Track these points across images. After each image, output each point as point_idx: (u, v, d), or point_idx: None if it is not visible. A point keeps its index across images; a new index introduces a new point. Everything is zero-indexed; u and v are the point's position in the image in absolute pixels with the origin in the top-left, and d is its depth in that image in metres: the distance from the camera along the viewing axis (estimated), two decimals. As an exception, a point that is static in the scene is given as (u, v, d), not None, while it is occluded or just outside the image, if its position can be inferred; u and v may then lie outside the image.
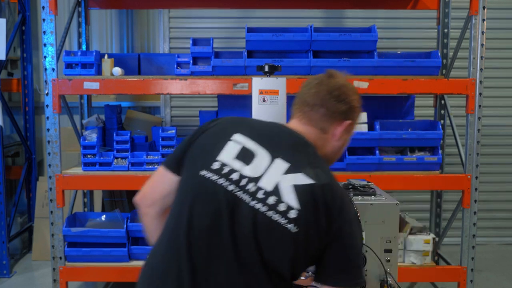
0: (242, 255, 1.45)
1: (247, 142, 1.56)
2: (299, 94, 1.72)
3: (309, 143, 1.63)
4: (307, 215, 1.47)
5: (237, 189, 1.49)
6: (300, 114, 1.69)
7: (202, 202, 1.50)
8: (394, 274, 1.88)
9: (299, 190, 1.48)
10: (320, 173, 1.53)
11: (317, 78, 1.70)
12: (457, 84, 3.81)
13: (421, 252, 4.02)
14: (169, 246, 1.52)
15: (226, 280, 1.45)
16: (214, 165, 1.53)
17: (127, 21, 5.63)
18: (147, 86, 3.80)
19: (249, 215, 1.46)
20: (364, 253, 1.85)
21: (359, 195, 1.94)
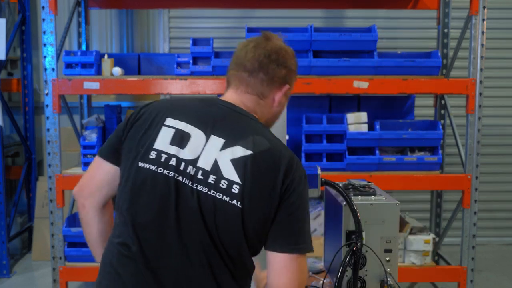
0: (193, 241, 1.44)
1: (179, 124, 1.51)
2: (234, 59, 1.64)
3: (246, 113, 1.58)
4: (250, 188, 1.44)
5: (177, 174, 1.46)
6: (237, 82, 1.61)
7: (145, 194, 1.48)
8: (394, 274, 1.88)
9: (237, 163, 1.45)
10: (260, 140, 1.50)
11: (253, 41, 1.63)
12: (457, 84, 3.81)
13: (421, 252, 4.02)
14: (122, 243, 1.50)
15: (181, 271, 1.44)
16: (152, 154, 1.49)
17: (127, 21, 5.63)
18: (147, 86, 3.80)
19: (193, 199, 1.44)
20: (364, 253, 1.85)
21: (359, 195, 1.94)
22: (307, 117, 4.06)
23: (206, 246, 1.44)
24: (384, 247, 1.87)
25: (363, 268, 1.86)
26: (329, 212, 2.14)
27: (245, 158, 1.46)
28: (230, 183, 1.44)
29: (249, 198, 1.44)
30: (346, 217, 1.85)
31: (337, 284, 1.81)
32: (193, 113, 1.55)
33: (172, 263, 1.45)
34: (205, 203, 1.44)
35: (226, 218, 1.44)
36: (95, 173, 1.64)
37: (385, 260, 1.87)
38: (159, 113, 1.56)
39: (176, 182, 1.46)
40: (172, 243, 1.45)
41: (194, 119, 1.53)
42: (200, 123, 1.52)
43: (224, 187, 1.44)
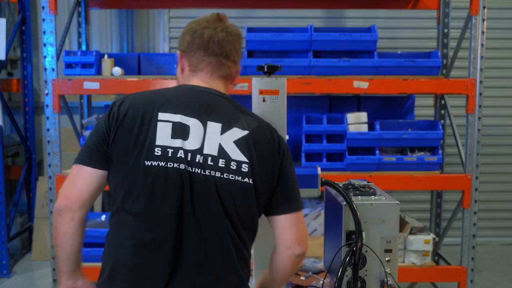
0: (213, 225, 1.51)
1: (174, 117, 1.53)
2: (199, 42, 1.62)
3: (225, 95, 1.65)
4: (257, 164, 1.55)
5: (187, 166, 1.50)
6: (209, 68, 1.64)
7: (160, 192, 1.49)
8: (394, 274, 1.88)
9: (240, 144, 1.54)
10: (249, 119, 1.61)
11: (215, 23, 1.65)
12: (457, 84, 3.81)
13: (421, 252, 4.02)
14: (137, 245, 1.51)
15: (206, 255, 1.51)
16: (156, 151, 1.50)
17: (127, 21, 5.63)
18: (147, 86, 3.80)
19: (208, 185, 1.50)
20: (364, 253, 1.85)
21: (359, 195, 1.94)
22: (307, 117, 4.06)
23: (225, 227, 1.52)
24: (384, 247, 1.88)
25: (363, 268, 1.86)
26: (329, 212, 2.14)
27: (244, 138, 1.56)
28: (239, 163, 1.53)
29: (259, 174, 1.55)
30: (346, 217, 1.85)
31: (337, 284, 1.81)
32: (183, 104, 1.57)
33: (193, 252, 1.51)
34: (220, 187, 1.51)
35: (242, 197, 1.53)
36: (82, 183, 1.59)
37: (385, 260, 1.87)
38: (146, 109, 1.54)
39: (189, 173, 1.49)
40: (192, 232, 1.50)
41: (187, 110, 1.55)
42: (193, 112, 1.55)
43: (234, 168, 1.52)
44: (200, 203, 1.51)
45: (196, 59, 1.64)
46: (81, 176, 1.59)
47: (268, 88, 2.02)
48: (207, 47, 1.62)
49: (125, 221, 1.54)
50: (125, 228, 1.54)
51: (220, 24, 1.66)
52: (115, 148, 1.54)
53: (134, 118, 1.53)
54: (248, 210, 1.57)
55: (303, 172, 1.96)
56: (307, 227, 4.14)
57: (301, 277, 2.29)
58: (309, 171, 1.95)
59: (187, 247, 1.51)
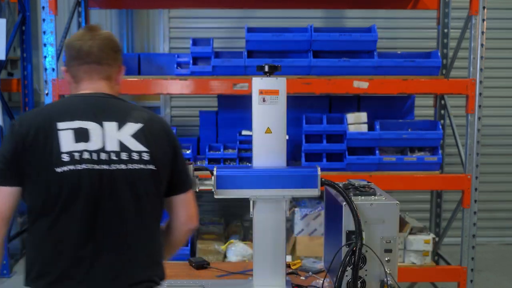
0: (126, 211, 1.68)
1: (73, 124, 1.67)
2: (74, 54, 1.80)
3: (112, 95, 1.82)
4: (156, 151, 1.73)
5: (95, 164, 1.65)
6: (89, 73, 1.79)
7: (76, 192, 1.63)
8: (394, 274, 1.88)
9: (137, 136, 1.72)
10: (139, 113, 1.78)
11: (84, 35, 1.81)
12: (457, 84, 3.81)
13: (421, 252, 4.03)
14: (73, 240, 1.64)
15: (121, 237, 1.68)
16: (64, 157, 1.63)
17: (127, 21, 5.63)
18: (147, 86, 3.80)
19: (116, 178, 1.66)
20: (364, 253, 1.85)
21: (359, 195, 1.94)
22: (307, 117, 4.06)
23: (137, 212, 1.70)
24: (384, 247, 1.88)
25: (363, 268, 1.86)
26: (329, 212, 2.14)
27: (140, 130, 1.73)
28: (140, 153, 1.70)
29: (158, 160, 1.73)
30: (346, 217, 1.85)
31: (337, 284, 1.81)
32: (78, 111, 1.72)
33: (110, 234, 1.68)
34: (128, 177, 1.68)
35: (149, 182, 1.72)
36: (3, 201, 1.67)
37: (385, 260, 1.87)
38: (45, 123, 1.67)
39: (98, 170, 1.65)
40: (109, 221, 1.67)
41: (82, 115, 1.70)
42: (89, 116, 1.70)
43: (137, 158, 1.69)
44: (112, 194, 1.66)
45: (75, 70, 1.81)
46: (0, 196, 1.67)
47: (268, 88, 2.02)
48: (79, 57, 1.79)
49: (49, 229, 1.65)
50: (50, 234, 1.65)
51: (89, 34, 1.81)
52: (26, 164, 1.65)
53: (36, 134, 1.65)
54: (156, 193, 1.74)
55: (303, 172, 1.97)
56: (307, 227, 4.16)
57: (301, 277, 2.29)
58: (309, 171, 1.95)
59: (105, 230, 1.66)
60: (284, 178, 1.95)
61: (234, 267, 2.39)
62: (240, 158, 4.11)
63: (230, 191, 1.96)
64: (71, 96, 1.83)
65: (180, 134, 5.04)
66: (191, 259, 2.44)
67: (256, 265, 2.05)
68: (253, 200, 2.00)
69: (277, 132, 2.01)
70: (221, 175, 1.95)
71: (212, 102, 5.45)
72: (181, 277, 2.27)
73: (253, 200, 2.00)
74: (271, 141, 2.02)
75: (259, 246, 2.04)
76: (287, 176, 1.95)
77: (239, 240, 4.30)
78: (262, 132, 2.02)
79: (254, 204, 2.01)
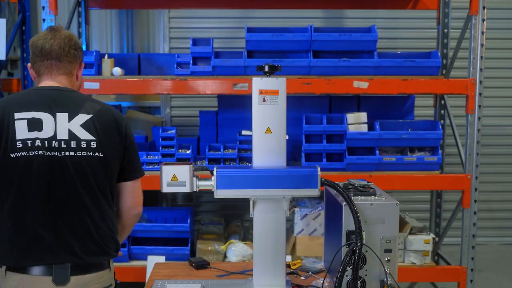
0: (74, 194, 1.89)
1: (28, 114, 1.87)
2: (37, 52, 1.99)
3: (69, 89, 2.01)
4: (104, 140, 1.93)
5: (45, 151, 1.86)
6: (49, 69, 2.00)
7: (28, 174, 1.85)
8: (394, 274, 1.88)
9: (86, 126, 1.91)
10: (92, 104, 1.97)
11: (47, 34, 2.00)
12: (457, 84, 3.81)
13: (421, 252, 4.03)
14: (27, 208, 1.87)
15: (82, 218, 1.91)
16: (18, 144, 1.84)
17: (127, 21, 5.63)
18: (147, 86, 3.80)
19: (66, 164, 1.87)
20: (364, 253, 1.85)
21: (359, 195, 1.94)
22: (307, 117, 4.06)
23: (84, 195, 1.91)
24: (384, 247, 1.88)
25: (363, 268, 1.87)
26: (329, 212, 2.14)
27: (89, 120, 1.92)
28: (88, 141, 1.90)
29: (106, 147, 1.93)
30: (346, 217, 1.85)
31: (337, 284, 1.81)
32: (33, 102, 1.91)
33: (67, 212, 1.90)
34: (77, 163, 1.88)
35: (96, 168, 1.92)
36: None
37: (385, 260, 1.87)
38: (4, 113, 1.88)
39: (48, 157, 1.86)
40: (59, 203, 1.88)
41: (38, 106, 1.90)
42: (43, 107, 1.90)
43: (85, 146, 1.89)
44: (61, 178, 1.87)
45: (38, 66, 2.00)
46: None
47: (268, 88, 2.02)
48: (41, 54, 1.98)
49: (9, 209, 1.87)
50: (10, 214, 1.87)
51: (50, 34, 2.00)
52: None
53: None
54: (103, 178, 1.94)
55: (303, 172, 1.97)
56: (307, 227, 4.15)
57: (301, 277, 2.29)
58: (309, 171, 1.95)
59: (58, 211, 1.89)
60: (284, 178, 1.95)
61: (234, 267, 2.39)
62: (240, 158, 4.11)
63: (230, 191, 1.96)
64: (30, 89, 2.09)
65: (180, 134, 5.04)
66: (191, 259, 2.44)
67: (256, 265, 2.05)
68: (253, 200, 2.00)
69: (277, 132, 2.01)
70: (221, 175, 1.95)
71: (212, 102, 5.46)
72: (181, 277, 2.27)
73: (253, 200, 2.00)
74: (271, 141, 2.02)
75: (259, 246, 2.04)
76: (287, 176, 1.95)
77: (239, 240, 4.29)
78: (262, 132, 2.02)
79: (254, 204, 2.01)
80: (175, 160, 4.03)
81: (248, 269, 2.32)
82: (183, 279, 2.24)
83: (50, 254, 1.87)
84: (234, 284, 2.16)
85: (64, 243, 1.89)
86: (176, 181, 1.96)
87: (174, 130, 4.10)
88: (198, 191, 2.00)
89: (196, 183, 1.99)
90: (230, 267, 2.39)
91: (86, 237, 1.92)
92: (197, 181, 1.98)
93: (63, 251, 1.88)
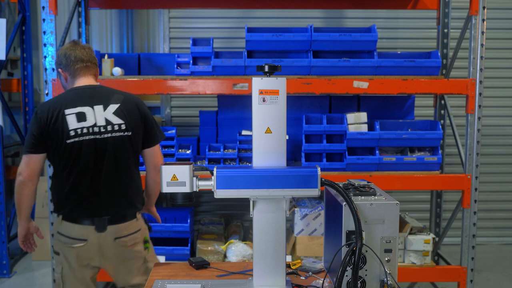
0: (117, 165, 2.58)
1: (75, 110, 2.53)
2: (72, 58, 2.61)
3: (98, 86, 2.66)
4: (130, 121, 2.58)
5: (91, 135, 2.53)
6: (84, 71, 2.64)
7: (81, 155, 2.52)
8: (394, 274, 1.88)
9: (117, 113, 2.57)
10: (118, 95, 2.62)
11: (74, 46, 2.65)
12: (457, 84, 3.81)
13: (421, 252, 4.03)
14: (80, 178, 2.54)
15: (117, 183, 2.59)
16: (71, 133, 2.50)
17: (127, 21, 5.63)
18: (147, 86, 3.80)
19: (105, 143, 2.54)
20: (364, 253, 1.85)
21: (359, 195, 1.94)
22: (307, 117, 4.06)
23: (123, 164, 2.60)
24: (384, 247, 1.88)
25: (363, 268, 1.86)
26: (329, 212, 2.14)
27: (118, 108, 2.58)
28: (119, 125, 2.57)
29: (132, 127, 2.60)
30: (346, 217, 1.85)
31: (337, 284, 1.81)
32: (77, 100, 2.56)
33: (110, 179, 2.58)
34: (112, 142, 2.55)
35: (125, 144, 2.59)
36: (36, 162, 2.55)
37: (385, 260, 1.87)
38: (55, 110, 2.51)
39: (94, 139, 2.53)
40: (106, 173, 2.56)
41: (80, 102, 2.55)
42: (84, 102, 2.56)
43: (117, 128, 2.56)
44: (102, 154, 2.54)
45: (73, 69, 2.63)
46: (32, 160, 2.54)
47: (268, 88, 2.02)
48: (76, 60, 2.62)
49: (66, 177, 2.55)
50: (68, 180, 2.55)
51: (76, 45, 2.66)
52: (47, 138, 2.52)
53: (51, 117, 2.51)
54: (131, 151, 2.62)
55: (303, 172, 1.96)
56: (307, 227, 4.16)
57: (301, 277, 2.29)
58: (309, 171, 1.95)
59: (101, 177, 2.56)
60: (284, 178, 1.94)
61: (234, 267, 2.39)
62: (240, 158, 4.11)
63: (230, 191, 1.96)
64: (72, 89, 2.63)
65: (180, 134, 5.04)
66: (191, 259, 2.43)
67: (256, 265, 2.05)
68: (253, 200, 2.00)
69: (277, 132, 2.01)
70: (221, 175, 1.95)
71: (212, 102, 5.46)
72: (181, 277, 2.27)
73: (253, 200, 2.00)
74: (271, 141, 2.01)
75: (259, 246, 2.04)
76: (287, 176, 1.95)
77: (239, 240, 4.30)
78: (262, 132, 2.01)
79: (254, 204, 2.01)
80: (175, 160, 4.03)
81: (248, 269, 2.32)
82: (183, 279, 2.24)
83: (93, 210, 2.54)
84: (234, 284, 2.16)
85: (103, 202, 2.56)
86: (176, 181, 1.95)
87: (174, 130, 4.10)
88: (198, 191, 2.00)
89: (196, 183, 1.99)
90: (230, 267, 2.39)
91: (119, 196, 2.59)
92: (197, 181, 1.98)
93: (102, 208, 2.56)
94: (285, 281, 2.06)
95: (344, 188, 1.94)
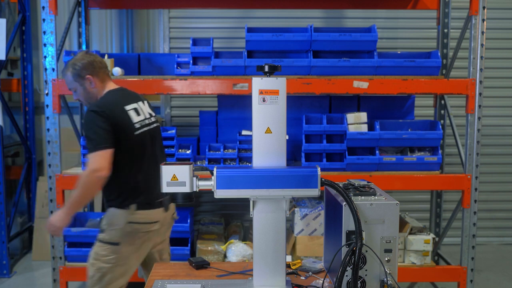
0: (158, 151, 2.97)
1: (131, 106, 2.83)
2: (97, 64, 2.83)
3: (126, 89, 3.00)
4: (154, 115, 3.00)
5: (146, 127, 2.86)
6: (108, 75, 2.92)
7: (144, 143, 2.83)
8: (394, 274, 1.88)
9: (149, 108, 2.98)
10: (141, 95, 3.03)
11: (92, 54, 2.88)
12: (457, 84, 3.81)
13: (421, 252, 4.03)
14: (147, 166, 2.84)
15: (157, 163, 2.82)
16: (136, 125, 2.80)
17: (127, 21, 5.63)
18: (147, 86, 3.80)
19: (154, 133, 2.93)
20: (364, 253, 1.85)
21: (359, 195, 1.94)
22: (307, 117, 4.06)
23: (163, 148, 3.07)
24: (384, 247, 1.88)
25: (363, 268, 1.86)
26: (329, 212, 2.14)
27: (147, 104, 2.99)
28: (155, 117, 2.99)
29: (155, 120, 2.99)
30: (346, 217, 1.85)
31: (337, 284, 1.81)
32: (128, 98, 2.87)
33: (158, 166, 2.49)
34: (156, 131, 2.96)
35: (160, 132, 3.03)
36: (108, 159, 2.64)
37: (385, 260, 1.87)
38: (118, 106, 2.77)
39: (149, 130, 2.88)
40: (157, 155, 2.94)
41: (131, 100, 2.87)
42: (132, 100, 2.88)
43: (154, 120, 2.97)
44: (154, 142, 2.92)
45: (102, 74, 2.87)
46: (107, 154, 2.64)
47: (268, 88, 2.02)
48: (102, 66, 2.88)
49: (137, 167, 2.81)
50: (138, 171, 2.81)
51: (92, 54, 2.90)
52: (116, 132, 2.70)
53: (116, 113, 2.74)
54: (161, 138, 3.08)
55: (303, 172, 1.96)
56: (307, 227, 4.15)
57: (301, 277, 2.29)
58: (309, 171, 1.95)
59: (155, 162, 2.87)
60: (284, 178, 1.94)
61: (234, 267, 2.39)
62: (240, 158, 4.11)
63: (230, 191, 1.95)
64: (114, 90, 2.88)
65: (180, 134, 5.04)
66: (191, 259, 2.43)
67: (256, 265, 2.05)
68: (253, 200, 2.00)
69: (277, 132, 2.01)
70: (221, 175, 1.95)
71: (212, 102, 5.46)
72: (181, 277, 2.27)
73: (253, 200, 2.00)
74: (271, 141, 2.01)
75: (259, 246, 2.04)
76: (287, 176, 1.95)
77: (239, 240, 4.30)
78: (262, 132, 2.01)
79: (254, 204, 2.01)
80: (175, 160, 4.03)
81: (248, 269, 2.32)
82: (183, 279, 2.24)
83: (158, 193, 2.50)
84: (234, 284, 2.16)
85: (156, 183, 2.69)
86: (176, 181, 1.95)
87: (174, 130, 4.10)
88: (198, 191, 2.00)
89: (196, 183, 1.98)
90: (230, 267, 2.39)
91: None
92: (197, 181, 1.98)
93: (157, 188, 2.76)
94: (285, 281, 2.06)
95: (344, 188, 1.94)
